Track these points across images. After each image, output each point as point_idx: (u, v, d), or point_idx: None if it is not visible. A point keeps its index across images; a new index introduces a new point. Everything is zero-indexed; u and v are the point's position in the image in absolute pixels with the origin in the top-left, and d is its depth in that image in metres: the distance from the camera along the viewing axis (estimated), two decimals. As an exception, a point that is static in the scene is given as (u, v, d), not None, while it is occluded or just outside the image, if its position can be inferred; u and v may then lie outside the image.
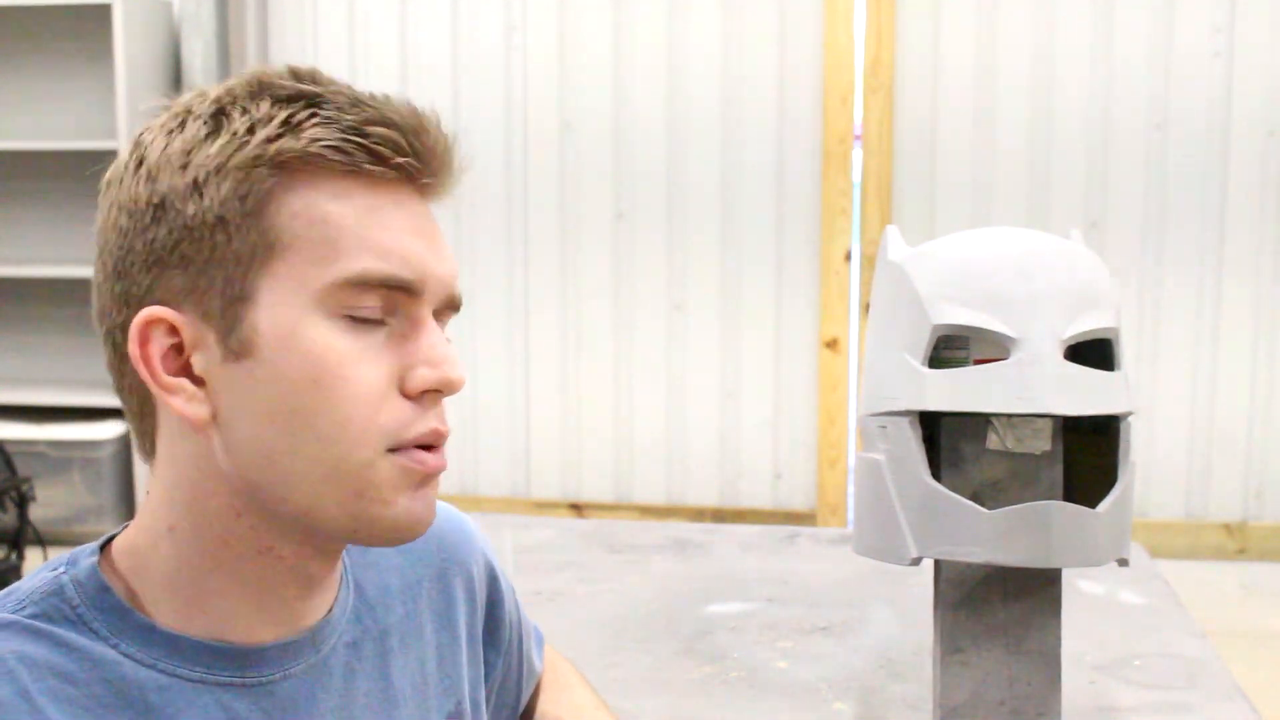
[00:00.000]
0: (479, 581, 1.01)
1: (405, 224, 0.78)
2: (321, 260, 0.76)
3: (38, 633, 0.75)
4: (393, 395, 0.77)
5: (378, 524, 0.78)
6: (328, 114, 0.77)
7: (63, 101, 4.18)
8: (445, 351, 0.78)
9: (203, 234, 0.75)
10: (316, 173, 0.76)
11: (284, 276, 0.76)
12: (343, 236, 0.76)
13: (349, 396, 0.75)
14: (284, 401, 0.75)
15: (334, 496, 0.76)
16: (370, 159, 0.76)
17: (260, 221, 0.75)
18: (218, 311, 0.76)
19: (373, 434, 0.76)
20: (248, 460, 0.76)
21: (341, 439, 0.75)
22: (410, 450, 0.78)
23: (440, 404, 0.79)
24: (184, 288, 0.76)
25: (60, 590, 0.77)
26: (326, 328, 0.76)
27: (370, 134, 0.76)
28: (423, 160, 0.79)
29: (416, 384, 0.77)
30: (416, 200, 0.80)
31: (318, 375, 0.75)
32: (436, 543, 0.98)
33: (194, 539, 0.79)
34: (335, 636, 0.85)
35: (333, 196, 0.76)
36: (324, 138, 0.76)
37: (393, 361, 0.77)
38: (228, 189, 0.75)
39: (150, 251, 0.77)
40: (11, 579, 3.42)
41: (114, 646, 0.76)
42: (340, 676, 0.85)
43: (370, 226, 0.77)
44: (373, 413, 0.76)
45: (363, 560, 0.91)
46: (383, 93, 0.80)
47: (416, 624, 0.93)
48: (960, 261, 1.17)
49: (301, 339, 0.75)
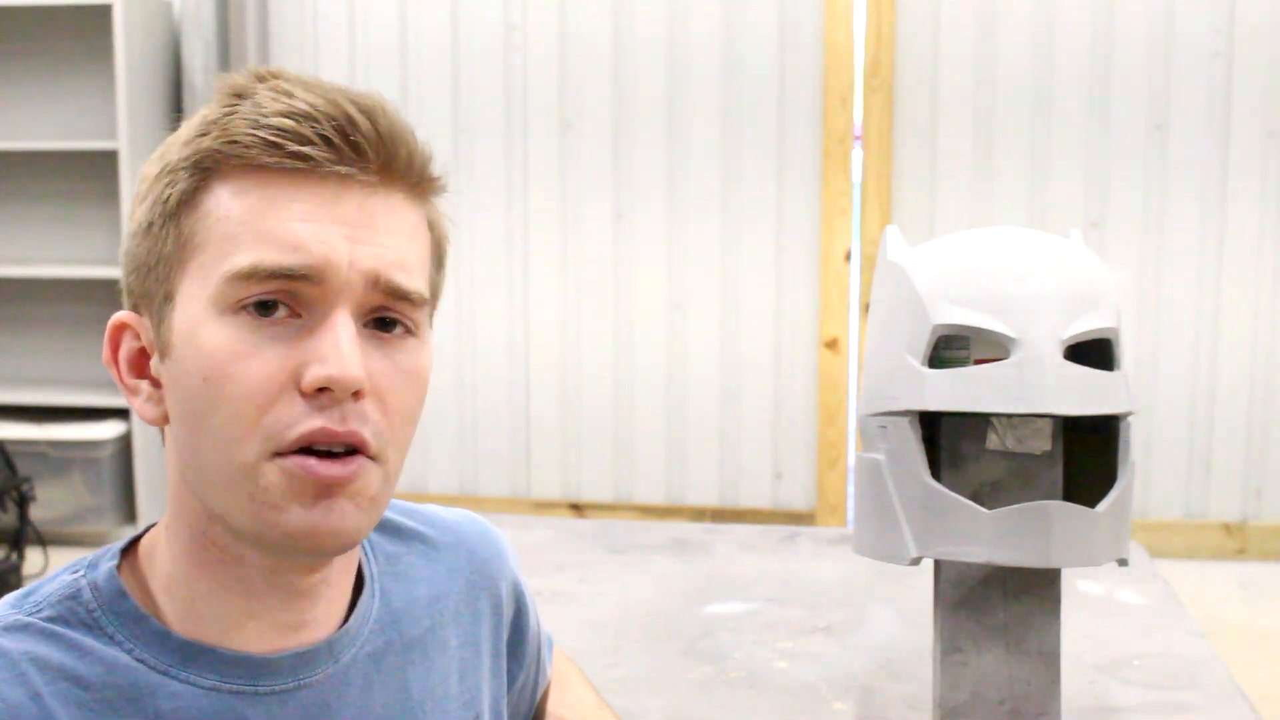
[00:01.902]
0: (506, 598, 1.00)
1: (307, 213, 0.74)
2: (221, 256, 0.74)
3: (53, 635, 0.76)
4: (287, 394, 0.73)
5: (275, 531, 0.74)
6: (245, 109, 0.75)
7: (63, 101, 4.17)
8: (338, 347, 0.73)
9: (143, 238, 0.78)
10: (230, 170, 0.75)
11: (194, 275, 0.75)
12: (240, 231, 0.74)
13: (235, 394, 0.73)
14: (189, 401, 0.75)
15: (235, 501, 0.74)
16: (267, 150, 0.74)
17: (178, 223, 0.76)
18: (155, 313, 0.78)
19: (258, 434, 0.73)
20: (184, 460, 0.77)
21: (227, 438, 0.73)
22: (297, 456, 0.73)
23: (343, 404, 0.74)
24: (140, 291, 0.79)
25: (77, 594, 0.78)
26: (222, 324, 0.74)
27: (270, 124, 0.74)
28: (337, 149, 0.75)
29: (306, 381, 0.73)
30: (344, 189, 0.75)
31: (208, 372, 0.74)
32: (467, 556, 0.97)
33: (181, 538, 0.79)
34: (356, 646, 0.85)
35: (236, 192, 0.75)
36: (232, 133, 0.75)
37: (292, 358, 0.74)
38: (156, 193, 0.77)
39: (127, 255, 0.80)
40: (12, 579, 3.42)
41: (129, 652, 0.77)
42: (358, 687, 0.84)
43: (265, 218, 0.74)
44: (258, 412, 0.73)
45: (391, 570, 0.90)
46: (341, 86, 0.77)
47: (440, 636, 0.92)
48: (960, 261, 1.17)
49: (197, 336, 0.74)
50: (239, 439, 0.73)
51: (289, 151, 0.74)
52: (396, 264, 0.77)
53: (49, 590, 0.78)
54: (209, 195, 0.76)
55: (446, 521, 0.99)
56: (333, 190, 0.75)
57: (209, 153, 0.75)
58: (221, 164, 0.76)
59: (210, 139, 0.76)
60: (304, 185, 0.75)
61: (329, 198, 0.75)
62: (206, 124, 0.77)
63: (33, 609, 0.77)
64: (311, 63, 4.12)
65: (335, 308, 0.75)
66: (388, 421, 0.77)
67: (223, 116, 0.76)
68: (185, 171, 0.76)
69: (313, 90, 0.76)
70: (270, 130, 0.74)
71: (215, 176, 0.76)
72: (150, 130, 3.99)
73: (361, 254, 0.75)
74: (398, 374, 0.78)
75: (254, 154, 0.74)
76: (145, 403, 0.79)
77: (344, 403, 0.74)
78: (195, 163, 0.76)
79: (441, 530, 0.98)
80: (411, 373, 0.79)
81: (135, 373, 0.80)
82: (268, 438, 0.73)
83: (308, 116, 0.74)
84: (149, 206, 0.77)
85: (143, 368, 0.80)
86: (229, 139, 0.75)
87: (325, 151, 0.75)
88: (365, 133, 0.76)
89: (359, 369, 0.74)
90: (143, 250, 0.78)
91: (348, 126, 0.75)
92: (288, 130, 0.74)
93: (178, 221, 0.76)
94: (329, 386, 0.73)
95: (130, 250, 0.79)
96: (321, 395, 0.73)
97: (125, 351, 0.80)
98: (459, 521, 1.00)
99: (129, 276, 0.79)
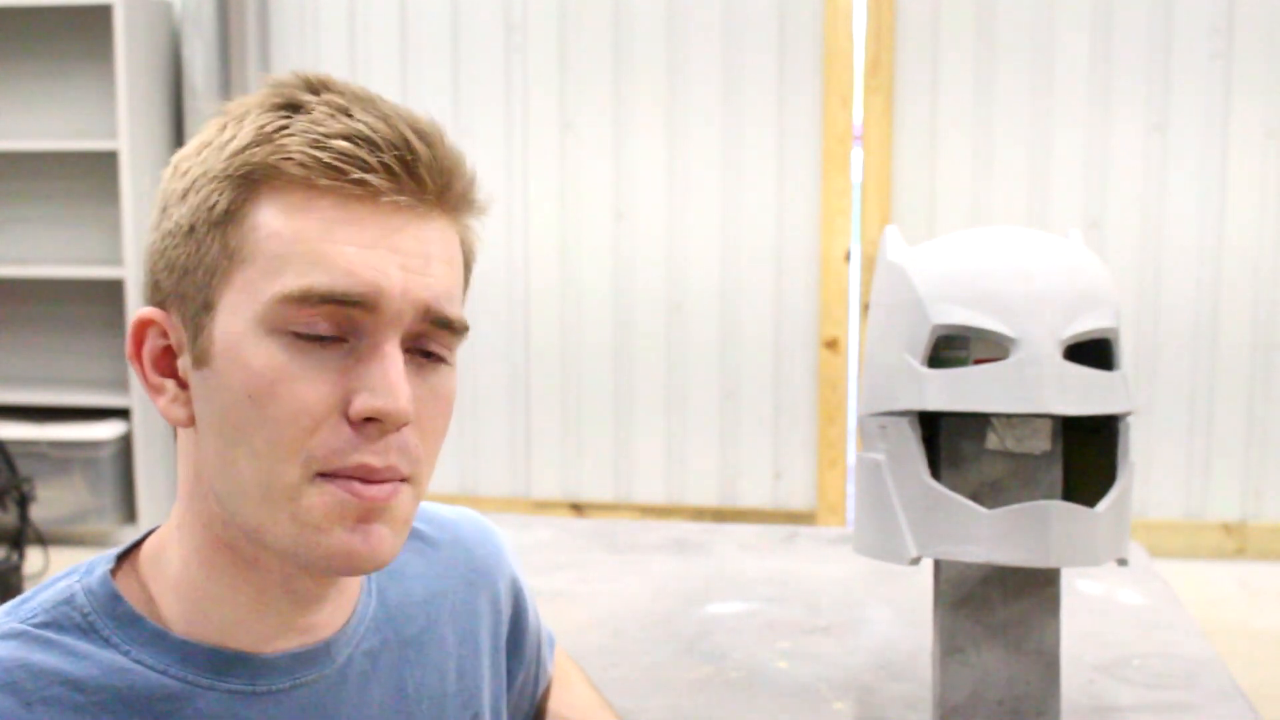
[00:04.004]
0: (504, 595, 1.00)
1: (363, 239, 0.74)
2: (271, 274, 0.74)
3: (46, 642, 0.76)
4: (334, 419, 0.73)
5: (315, 552, 0.74)
6: (302, 125, 0.75)
7: (63, 101, 4.17)
8: (388, 378, 0.73)
9: (182, 240, 0.76)
10: (283, 185, 0.74)
11: (239, 289, 0.75)
12: (293, 251, 0.74)
13: (281, 416, 0.73)
14: (228, 414, 0.75)
15: (273, 518, 0.74)
16: (327, 173, 0.74)
17: (225, 232, 0.75)
18: (191, 318, 0.77)
19: (301, 456, 0.73)
20: (213, 469, 0.77)
21: (270, 457, 0.73)
22: (344, 480, 0.74)
23: (388, 436, 0.74)
24: (171, 291, 0.78)
25: (71, 599, 0.78)
26: (269, 343, 0.73)
27: (331, 147, 0.73)
28: (397, 178, 0.74)
29: (355, 410, 0.73)
30: (399, 217, 0.75)
31: (254, 390, 0.73)
32: (464, 555, 0.97)
33: (195, 538, 0.79)
34: (353, 645, 0.85)
35: (291, 210, 0.74)
36: (288, 149, 0.74)
37: (341, 384, 0.74)
38: (201, 197, 0.76)
39: (156, 251, 0.78)
40: (12, 579, 3.42)
41: (125, 653, 0.76)
42: (355, 686, 0.84)
43: (322, 241, 0.74)
44: (304, 435, 0.73)
45: (388, 568, 0.90)
46: (396, 106, 0.77)
47: (438, 635, 0.92)
48: (960, 261, 1.17)
49: (243, 352, 0.74)
50: (282, 460, 0.73)
51: (351, 179, 0.73)
52: (445, 295, 0.77)
53: (43, 597, 0.78)
54: (258, 209, 0.75)
55: (444, 519, 0.99)
56: (388, 218, 0.75)
57: (262, 166, 0.74)
58: (273, 178, 0.74)
59: (264, 152, 0.74)
60: (359, 210, 0.74)
61: (385, 226, 0.75)
62: (260, 135, 0.75)
63: (26, 616, 0.77)
64: (312, 63, 4.12)
65: (386, 337, 0.74)
66: (424, 446, 0.77)
67: (277, 130, 0.75)
68: (233, 181, 0.75)
69: (370, 110, 0.75)
70: (331, 153, 0.73)
71: (265, 190, 0.75)
72: (150, 130, 3.99)
73: (415, 284, 0.75)
74: (433, 399, 0.78)
75: (313, 175, 0.74)
76: (171, 403, 0.78)
77: (389, 433, 0.74)
78: (245, 174, 0.75)
79: (439, 528, 0.97)
80: (445, 398, 0.79)
81: (160, 371, 0.79)
82: (311, 460, 0.73)
83: (369, 142, 0.74)
84: (191, 209, 0.76)
85: (168, 366, 0.79)
86: (285, 155, 0.74)
87: (386, 180, 0.74)
88: (425, 162, 0.75)
89: (409, 402, 0.74)
90: (180, 253, 0.76)
91: (409, 155, 0.74)
92: (349, 155, 0.73)
93: (223, 231, 0.75)
94: (378, 418, 0.73)
95: (162, 248, 0.77)
96: (368, 425, 0.74)
97: (150, 349, 0.79)
98: (457, 519, 1.00)
99: (159, 274, 0.78)
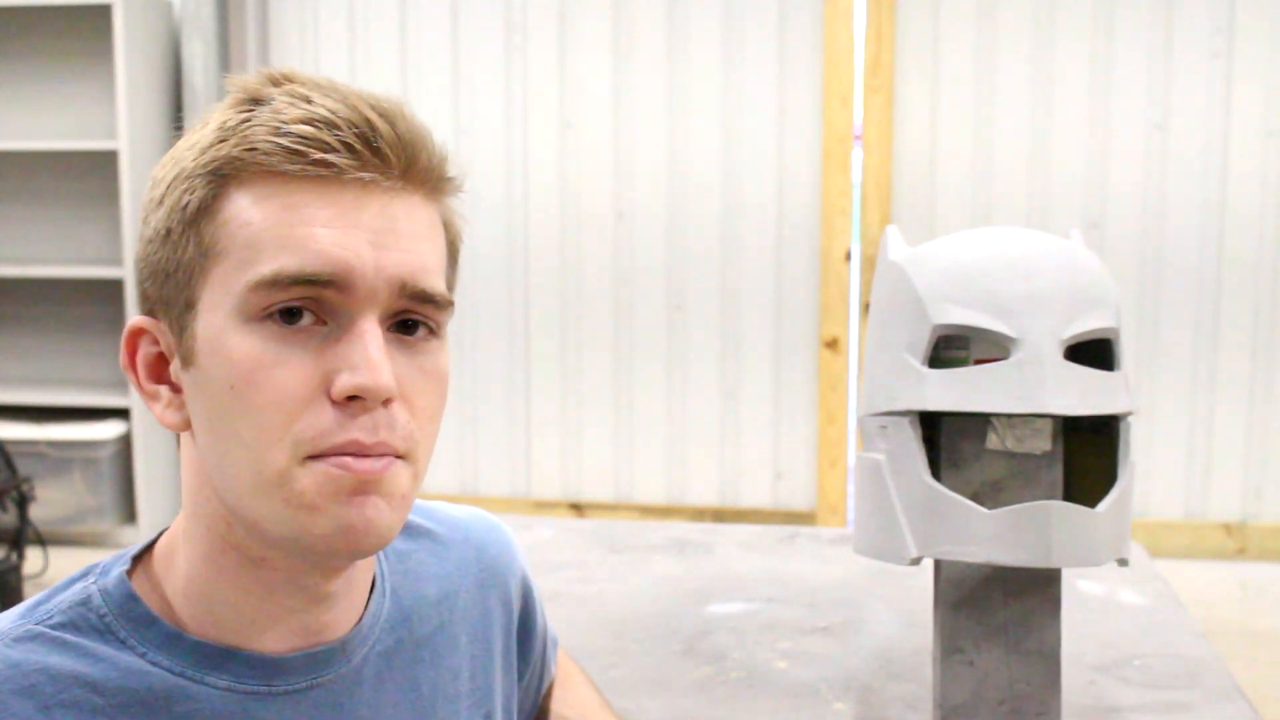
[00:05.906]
0: (515, 595, 1.01)
1: (331, 219, 0.74)
2: (244, 264, 0.74)
3: (64, 644, 0.76)
4: (317, 401, 0.73)
5: (312, 533, 0.74)
6: (264, 116, 0.75)
7: (63, 101, 4.18)
8: (368, 355, 0.73)
9: (160, 245, 0.77)
10: (250, 177, 0.75)
11: (217, 284, 0.75)
12: (263, 238, 0.74)
13: (264, 402, 0.73)
14: (215, 408, 0.75)
15: (269, 507, 0.74)
16: (290, 158, 0.74)
17: (199, 230, 0.75)
18: (176, 320, 0.77)
19: (288, 441, 0.73)
20: (209, 467, 0.77)
21: (258, 445, 0.73)
22: (334, 457, 0.73)
23: (375, 413, 0.74)
24: (157, 297, 0.78)
25: (88, 600, 0.78)
26: (248, 332, 0.74)
27: (293, 132, 0.74)
28: (360, 155, 0.75)
29: (337, 389, 0.73)
30: (366, 195, 0.75)
31: (235, 381, 0.73)
32: (476, 554, 0.97)
33: (201, 541, 0.79)
34: (367, 646, 0.85)
35: (260, 199, 0.75)
36: (252, 140, 0.74)
37: (321, 366, 0.74)
38: (174, 200, 0.76)
39: (142, 260, 0.79)
40: (12, 579, 3.42)
41: (142, 655, 0.77)
42: (370, 686, 0.85)
43: (291, 225, 0.74)
44: (288, 419, 0.73)
45: (400, 568, 0.90)
46: (358, 89, 0.77)
47: (451, 635, 0.92)
48: (960, 261, 1.17)
49: (224, 345, 0.74)
50: (269, 446, 0.73)
51: (312, 160, 0.74)
52: (421, 268, 0.77)
53: (60, 599, 0.78)
54: (229, 202, 0.75)
55: (456, 519, 0.99)
56: (354, 196, 0.75)
57: (228, 160, 0.75)
58: (241, 171, 0.75)
59: (229, 146, 0.75)
60: (326, 192, 0.74)
61: (351, 204, 0.75)
62: (224, 130, 0.76)
63: (43, 618, 0.77)
64: (312, 63, 4.12)
65: (362, 314, 0.75)
66: (416, 423, 0.77)
67: (240, 123, 0.75)
68: (203, 178, 0.75)
69: (330, 95, 0.76)
70: (292, 138, 0.74)
71: (234, 183, 0.75)
72: (150, 130, 3.99)
73: (387, 260, 0.75)
74: (422, 376, 0.78)
75: (275, 161, 0.74)
76: (166, 409, 0.79)
77: (374, 410, 0.74)
78: (214, 170, 0.75)
79: (451, 528, 0.98)
80: (435, 374, 0.79)
81: (154, 378, 0.79)
82: (298, 444, 0.73)
83: (329, 123, 0.74)
84: (166, 213, 0.77)
85: (161, 373, 0.79)
86: (249, 146, 0.74)
87: (348, 159, 0.74)
88: (387, 138, 0.75)
89: (389, 377, 0.74)
90: (160, 257, 0.77)
91: (370, 133, 0.75)
92: (310, 138, 0.74)
93: (198, 229, 0.75)
94: (360, 395, 0.73)
95: (146, 256, 0.78)
96: (352, 403, 0.73)
97: (143, 357, 0.79)
98: (468, 519, 1.00)
99: (145, 282, 0.79)
